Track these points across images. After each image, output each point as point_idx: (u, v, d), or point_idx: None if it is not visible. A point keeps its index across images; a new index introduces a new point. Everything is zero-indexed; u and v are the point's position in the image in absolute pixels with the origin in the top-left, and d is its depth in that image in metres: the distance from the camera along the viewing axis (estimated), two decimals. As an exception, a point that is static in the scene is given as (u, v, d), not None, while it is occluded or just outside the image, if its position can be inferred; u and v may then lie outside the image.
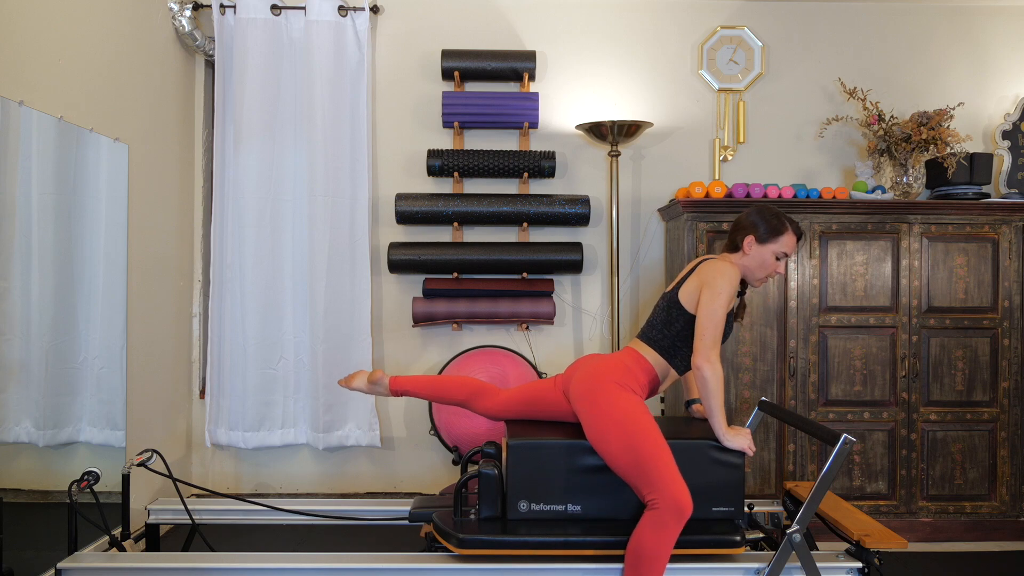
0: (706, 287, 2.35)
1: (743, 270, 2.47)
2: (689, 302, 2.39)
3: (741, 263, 2.46)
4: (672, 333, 2.43)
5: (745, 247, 2.45)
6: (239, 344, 3.76)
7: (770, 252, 2.43)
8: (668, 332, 2.43)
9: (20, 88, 2.55)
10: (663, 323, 2.45)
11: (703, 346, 2.30)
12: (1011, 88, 3.97)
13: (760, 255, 2.44)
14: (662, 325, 2.45)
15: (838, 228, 3.52)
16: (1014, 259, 3.54)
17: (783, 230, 2.43)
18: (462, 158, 3.78)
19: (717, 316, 2.31)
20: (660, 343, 2.44)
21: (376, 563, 2.31)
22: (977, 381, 3.54)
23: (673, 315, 2.42)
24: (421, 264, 3.76)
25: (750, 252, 2.45)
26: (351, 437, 3.81)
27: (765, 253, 2.43)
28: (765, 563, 2.26)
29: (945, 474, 3.54)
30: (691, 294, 2.39)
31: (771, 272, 2.46)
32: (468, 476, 2.41)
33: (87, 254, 2.96)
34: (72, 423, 2.87)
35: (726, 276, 2.34)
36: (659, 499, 2.14)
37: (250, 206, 3.75)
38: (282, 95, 3.79)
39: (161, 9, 3.59)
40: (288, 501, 2.89)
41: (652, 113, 3.97)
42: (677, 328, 2.42)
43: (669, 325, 2.43)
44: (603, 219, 3.97)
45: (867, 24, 3.98)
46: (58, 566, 2.31)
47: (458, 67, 3.82)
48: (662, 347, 2.44)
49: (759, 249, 2.44)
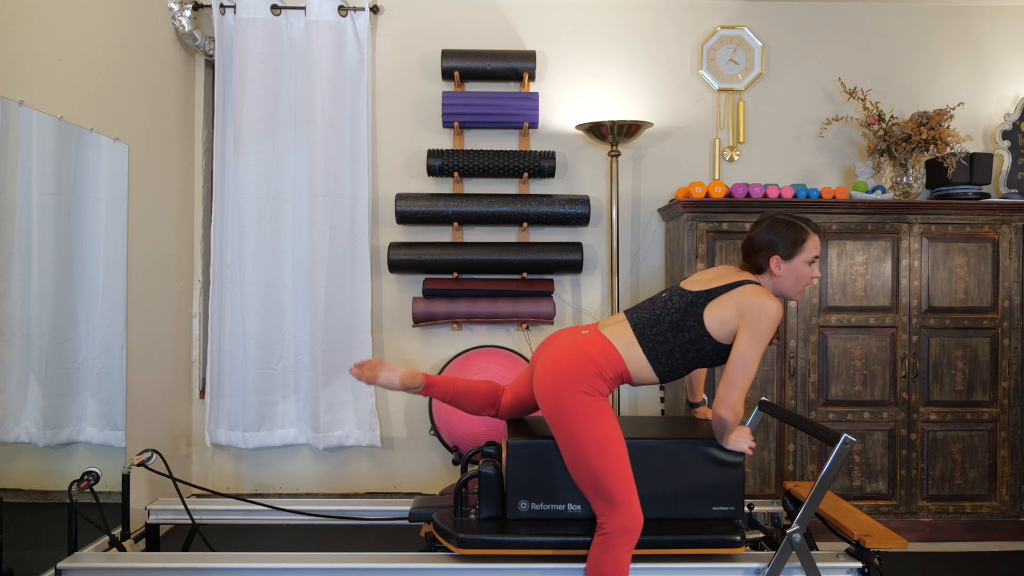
0: (747, 326, 2.14)
1: (778, 290, 2.30)
2: (718, 327, 2.19)
3: (774, 285, 2.29)
4: (679, 342, 2.22)
5: (773, 269, 2.27)
6: (239, 344, 3.76)
7: (801, 263, 2.27)
8: (675, 339, 2.22)
9: (20, 88, 2.55)
10: (671, 327, 2.22)
11: (732, 397, 2.15)
12: (1011, 88, 3.97)
13: (792, 271, 2.27)
14: (669, 329, 2.22)
15: (838, 228, 3.53)
16: (1014, 259, 3.54)
17: (805, 236, 2.26)
18: (462, 158, 3.78)
19: (754, 364, 2.14)
20: (655, 345, 2.23)
21: (376, 563, 2.31)
22: (977, 381, 3.54)
23: (689, 323, 2.21)
24: (421, 264, 3.76)
25: (780, 272, 2.27)
26: (351, 437, 3.81)
27: (797, 266, 2.27)
28: (765, 563, 2.26)
29: (945, 474, 3.54)
30: (725, 321, 2.18)
31: (809, 281, 2.29)
32: (468, 476, 2.41)
33: (87, 254, 2.96)
34: (72, 423, 2.87)
35: (772, 319, 2.13)
36: (607, 522, 2.14)
37: (250, 206, 3.75)
38: (282, 95, 3.79)
39: (161, 9, 3.59)
40: (288, 501, 2.89)
41: (652, 113, 3.97)
42: (686, 339, 2.21)
43: (679, 332, 2.22)
44: (603, 219, 3.97)
45: (867, 24, 3.98)
46: (58, 566, 2.31)
47: (458, 67, 3.82)
48: (654, 351, 2.23)
49: (789, 266, 2.27)
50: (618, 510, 2.13)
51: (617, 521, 2.13)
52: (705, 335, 2.20)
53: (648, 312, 2.29)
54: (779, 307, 2.16)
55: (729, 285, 2.22)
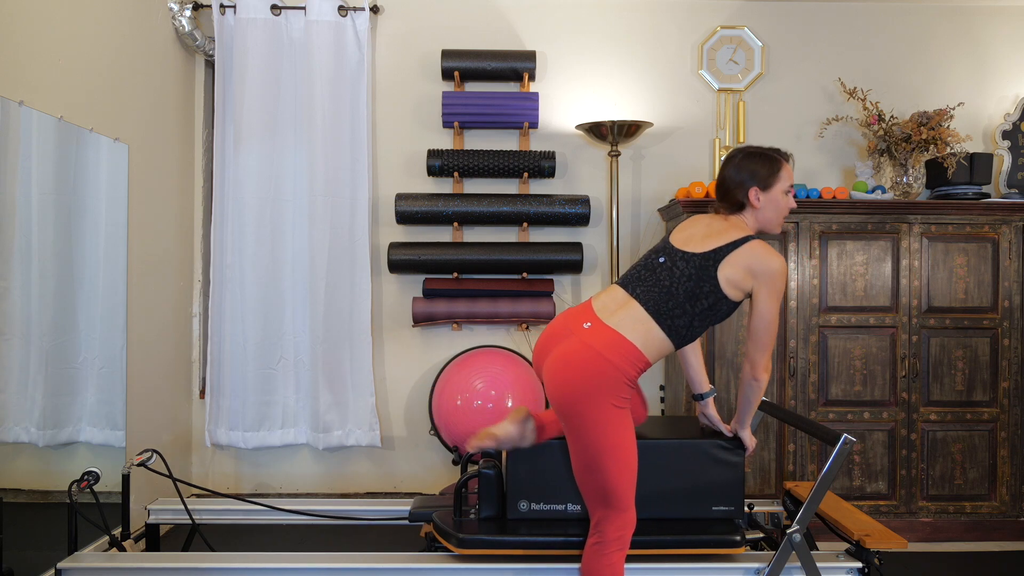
0: (765, 286, 2.11)
1: (760, 224, 2.25)
2: (732, 289, 2.12)
3: (756, 220, 2.24)
4: (698, 310, 2.12)
5: (753, 202, 2.21)
6: (239, 344, 3.76)
7: (779, 193, 2.22)
8: (693, 309, 2.12)
9: (20, 88, 2.55)
10: (688, 296, 2.11)
11: (763, 357, 2.16)
12: (1011, 88, 3.97)
13: (772, 201, 2.22)
14: (686, 300, 2.11)
15: (838, 228, 3.52)
16: (1014, 259, 3.54)
17: (779, 166, 2.23)
18: (462, 158, 3.78)
19: (776, 321, 2.14)
20: (674, 320, 2.12)
21: (376, 563, 2.31)
22: (977, 381, 3.54)
23: (705, 290, 2.11)
24: (421, 264, 3.76)
25: (760, 204, 2.22)
26: (351, 437, 3.81)
27: (775, 196, 2.22)
28: (765, 563, 2.26)
29: (945, 474, 3.54)
30: (738, 283, 2.12)
31: (787, 211, 2.26)
32: (468, 476, 2.41)
33: (87, 254, 2.96)
34: (72, 423, 2.87)
35: (784, 274, 2.12)
36: (606, 528, 2.13)
37: (250, 206, 3.75)
38: (282, 95, 3.79)
39: (161, 9, 3.59)
40: (288, 501, 2.89)
41: (652, 113, 3.97)
42: (705, 306, 2.12)
43: (696, 300, 2.11)
44: (603, 219, 3.97)
45: (867, 24, 3.98)
46: (58, 566, 2.31)
47: (458, 67, 3.82)
48: (674, 326, 2.12)
49: (768, 196, 2.22)
50: (620, 516, 2.12)
51: (615, 527, 2.12)
52: (723, 298, 2.13)
53: (653, 284, 2.16)
54: (784, 263, 2.14)
55: (733, 243, 2.14)
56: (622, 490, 2.10)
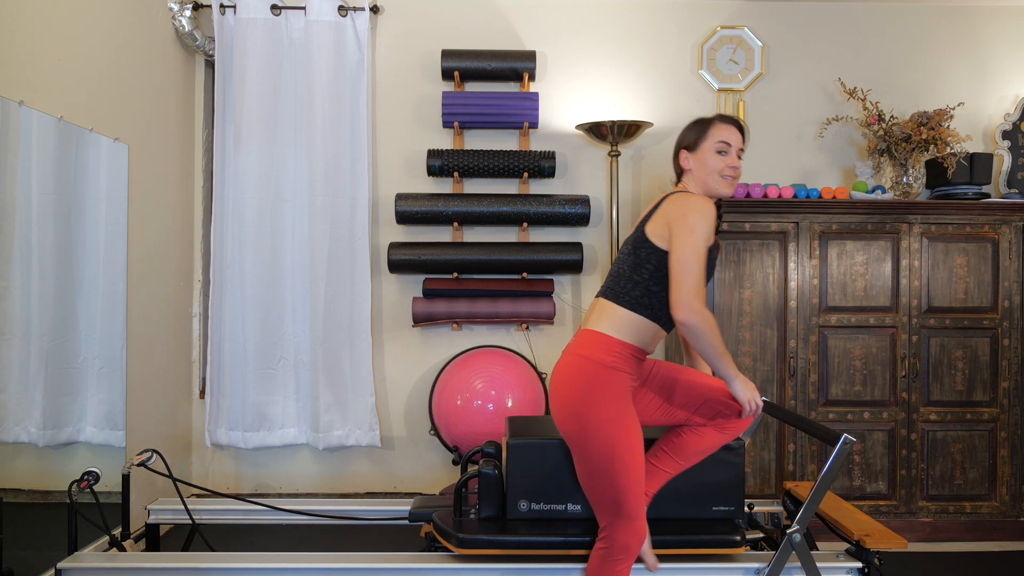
0: (676, 224, 2.07)
1: (698, 185, 2.23)
2: (663, 241, 2.11)
3: (693, 182, 2.24)
4: (644, 277, 2.13)
5: (683, 164, 2.25)
6: (239, 344, 3.76)
7: (707, 152, 2.20)
8: (639, 276, 2.13)
9: (20, 88, 2.55)
10: (632, 267, 2.15)
11: (684, 296, 2.01)
12: (1011, 88, 3.97)
13: (699, 160, 2.21)
14: (631, 270, 2.15)
15: (838, 228, 3.52)
16: (1014, 259, 3.54)
17: (708, 125, 2.22)
18: (462, 158, 3.78)
19: (697, 256, 2.03)
20: (631, 294, 2.14)
21: (376, 563, 2.31)
22: (977, 381, 3.54)
23: (642, 255, 2.13)
24: (421, 264, 3.76)
25: (690, 165, 2.24)
26: (351, 437, 3.81)
27: (703, 155, 2.21)
28: (765, 563, 2.26)
29: (945, 474, 3.54)
30: (663, 235, 2.11)
31: (722, 170, 2.20)
32: (468, 476, 2.41)
33: (87, 254, 2.96)
34: (72, 423, 2.87)
35: (698, 209, 2.07)
36: (613, 535, 2.13)
37: (250, 206, 3.75)
38: (282, 95, 3.79)
39: (161, 9, 3.59)
40: (288, 501, 2.89)
41: (652, 113, 3.97)
42: (650, 269, 2.12)
43: (639, 268, 2.14)
44: (603, 219, 3.97)
45: (867, 24, 3.98)
46: (58, 566, 2.31)
47: (458, 67, 3.82)
48: (632, 297, 2.14)
49: (696, 156, 2.22)
50: (629, 524, 2.12)
51: (623, 535, 2.12)
52: (659, 252, 2.11)
53: (614, 273, 2.23)
54: (704, 200, 2.12)
55: (657, 204, 2.20)
56: (632, 497, 2.10)
